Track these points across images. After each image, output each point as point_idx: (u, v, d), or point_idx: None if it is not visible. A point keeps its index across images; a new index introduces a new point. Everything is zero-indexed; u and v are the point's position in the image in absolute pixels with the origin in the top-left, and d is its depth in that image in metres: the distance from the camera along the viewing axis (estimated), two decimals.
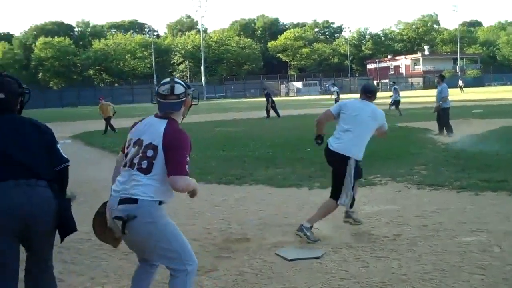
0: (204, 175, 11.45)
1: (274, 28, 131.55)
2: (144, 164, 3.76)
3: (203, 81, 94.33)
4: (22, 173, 3.70)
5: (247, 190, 9.95)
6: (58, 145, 4.03)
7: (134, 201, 3.71)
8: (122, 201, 3.75)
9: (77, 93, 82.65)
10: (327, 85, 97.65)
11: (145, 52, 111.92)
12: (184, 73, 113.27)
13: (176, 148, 3.80)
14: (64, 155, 4.01)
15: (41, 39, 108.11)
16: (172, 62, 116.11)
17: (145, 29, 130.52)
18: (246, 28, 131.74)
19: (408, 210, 7.74)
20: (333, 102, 37.79)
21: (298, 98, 79.75)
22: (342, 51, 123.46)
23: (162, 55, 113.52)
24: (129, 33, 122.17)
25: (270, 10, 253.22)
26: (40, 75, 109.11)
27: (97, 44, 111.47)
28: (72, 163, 4.10)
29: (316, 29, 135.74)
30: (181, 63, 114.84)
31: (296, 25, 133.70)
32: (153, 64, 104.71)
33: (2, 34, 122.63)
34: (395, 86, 31.46)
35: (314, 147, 15.25)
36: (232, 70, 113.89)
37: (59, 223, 3.86)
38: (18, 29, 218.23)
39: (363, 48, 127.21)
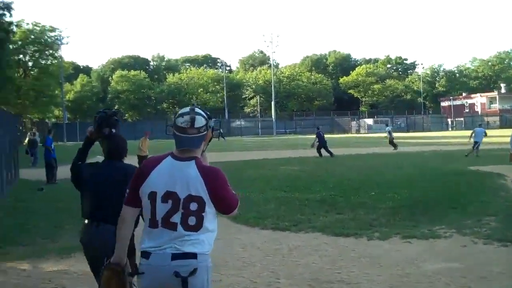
0: (260, 220, 11.17)
1: (345, 64, 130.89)
2: (192, 221, 3.32)
3: (273, 116, 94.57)
4: (98, 216, 4.74)
5: (303, 238, 9.55)
6: None
7: (194, 255, 3.32)
8: (178, 256, 3.30)
9: (151, 126, 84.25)
10: (398, 122, 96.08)
11: (217, 86, 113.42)
12: (255, 108, 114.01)
13: (223, 188, 3.42)
14: None
15: (118, 72, 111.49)
16: (243, 96, 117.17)
17: (218, 64, 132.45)
18: (317, 63, 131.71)
19: (472, 270, 7.15)
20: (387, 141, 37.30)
21: (369, 136, 78.50)
22: (415, 88, 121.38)
23: (233, 90, 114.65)
24: (202, 67, 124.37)
25: (342, 46, 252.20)
26: (115, 107, 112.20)
27: (171, 78, 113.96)
28: None
29: (389, 65, 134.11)
30: (252, 97, 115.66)
31: (368, 61, 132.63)
32: (225, 98, 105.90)
33: (81, 67, 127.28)
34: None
35: (378, 191, 14.85)
36: (302, 105, 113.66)
37: None
38: (96, 63, 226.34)
39: (436, 85, 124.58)
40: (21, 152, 29.02)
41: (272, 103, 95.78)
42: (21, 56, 77.50)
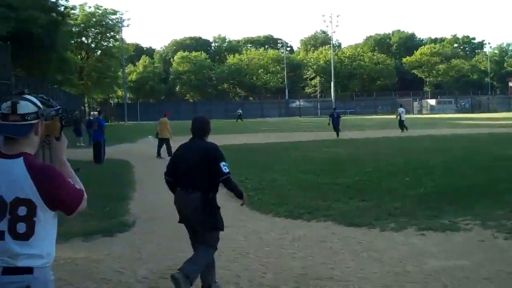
0: (276, 206, 10.69)
1: (409, 43, 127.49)
2: (21, 228, 2.80)
3: (332, 97, 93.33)
4: (186, 184, 5.83)
5: (312, 228, 8.99)
6: (221, 163, 5.75)
7: (28, 270, 2.82)
8: (9, 271, 2.80)
9: (209, 107, 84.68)
10: (463, 103, 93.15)
11: (277, 67, 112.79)
12: (316, 88, 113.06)
13: (58, 188, 2.86)
14: (224, 170, 5.74)
15: (179, 54, 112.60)
16: (304, 77, 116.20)
17: (279, 44, 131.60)
18: (380, 43, 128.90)
19: (479, 269, 6.45)
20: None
21: (430, 116, 76.25)
22: (482, 68, 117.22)
23: (294, 70, 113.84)
24: (262, 48, 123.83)
25: (406, 25, 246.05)
26: (177, 88, 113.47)
27: (231, 59, 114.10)
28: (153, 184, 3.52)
29: (456, 45, 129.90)
30: (313, 78, 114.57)
31: (433, 40, 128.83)
32: (285, 79, 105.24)
33: (145, 48, 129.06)
34: None
35: (413, 177, 14.06)
36: (364, 86, 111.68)
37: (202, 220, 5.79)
38: (159, 44, 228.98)
39: (505, 65, 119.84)
40: (68, 132, 29.45)
41: (332, 83, 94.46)
42: (83, 38, 79.23)
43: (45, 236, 2.90)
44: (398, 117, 37.77)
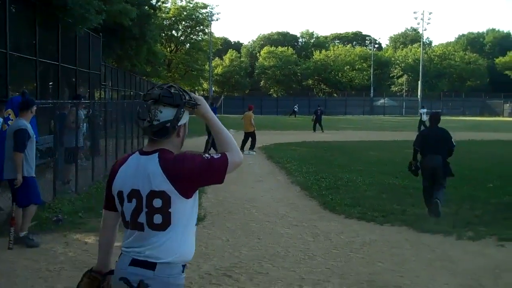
0: (349, 208, 10.46)
1: (504, 43, 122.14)
2: (158, 219, 2.83)
3: (419, 96, 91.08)
4: (432, 151, 9.82)
5: (385, 232, 8.71)
6: (452, 139, 9.92)
7: (152, 265, 2.80)
8: (136, 263, 2.82)
9: (292, 102, 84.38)
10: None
11: (364, 64, 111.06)
12: (402, 87, 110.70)
13: (193, 172, 2.83)
14: (454, 143, 9.97)
15: (266, 48, 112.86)
16: (391, 75, 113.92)
17: (367, 41, 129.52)
18: (473, 42, 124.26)
19: None
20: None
21: None
22: None
23: (381, 68, 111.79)
24: (349, 45, 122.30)
25: (502, 24, 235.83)
26: (262, 82, 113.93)
27: (318, 55, 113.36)
28: (228, 179, 3.36)
29: None
30: (400, 76, 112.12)
31: None
32: (371, 77, 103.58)
33: (233, 42, 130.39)
34: None
35: (498, 184, 13.42)
36: (453, 86, 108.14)
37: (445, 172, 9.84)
38: (247, 39, 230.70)
39: None
40: None
41: (419, 82, 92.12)
42: (173, 31, 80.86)
43: (182, 224, 2.90)
44: (420, 117, 37.44)
